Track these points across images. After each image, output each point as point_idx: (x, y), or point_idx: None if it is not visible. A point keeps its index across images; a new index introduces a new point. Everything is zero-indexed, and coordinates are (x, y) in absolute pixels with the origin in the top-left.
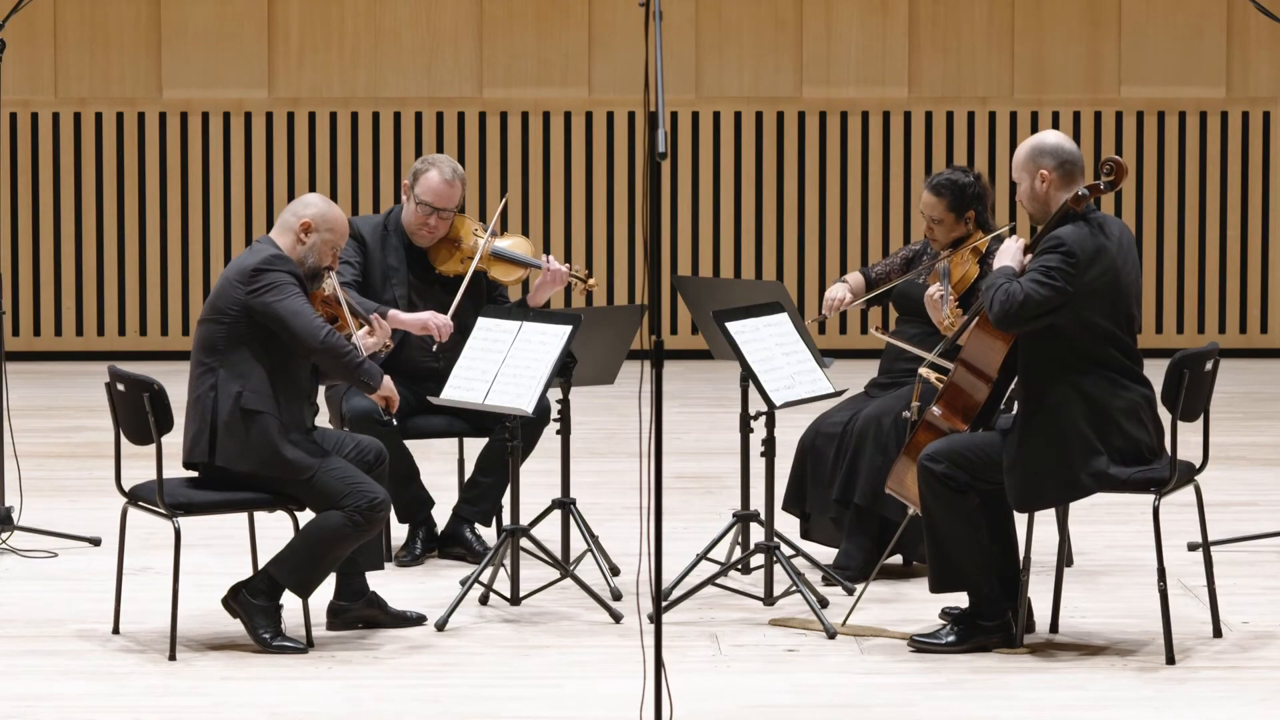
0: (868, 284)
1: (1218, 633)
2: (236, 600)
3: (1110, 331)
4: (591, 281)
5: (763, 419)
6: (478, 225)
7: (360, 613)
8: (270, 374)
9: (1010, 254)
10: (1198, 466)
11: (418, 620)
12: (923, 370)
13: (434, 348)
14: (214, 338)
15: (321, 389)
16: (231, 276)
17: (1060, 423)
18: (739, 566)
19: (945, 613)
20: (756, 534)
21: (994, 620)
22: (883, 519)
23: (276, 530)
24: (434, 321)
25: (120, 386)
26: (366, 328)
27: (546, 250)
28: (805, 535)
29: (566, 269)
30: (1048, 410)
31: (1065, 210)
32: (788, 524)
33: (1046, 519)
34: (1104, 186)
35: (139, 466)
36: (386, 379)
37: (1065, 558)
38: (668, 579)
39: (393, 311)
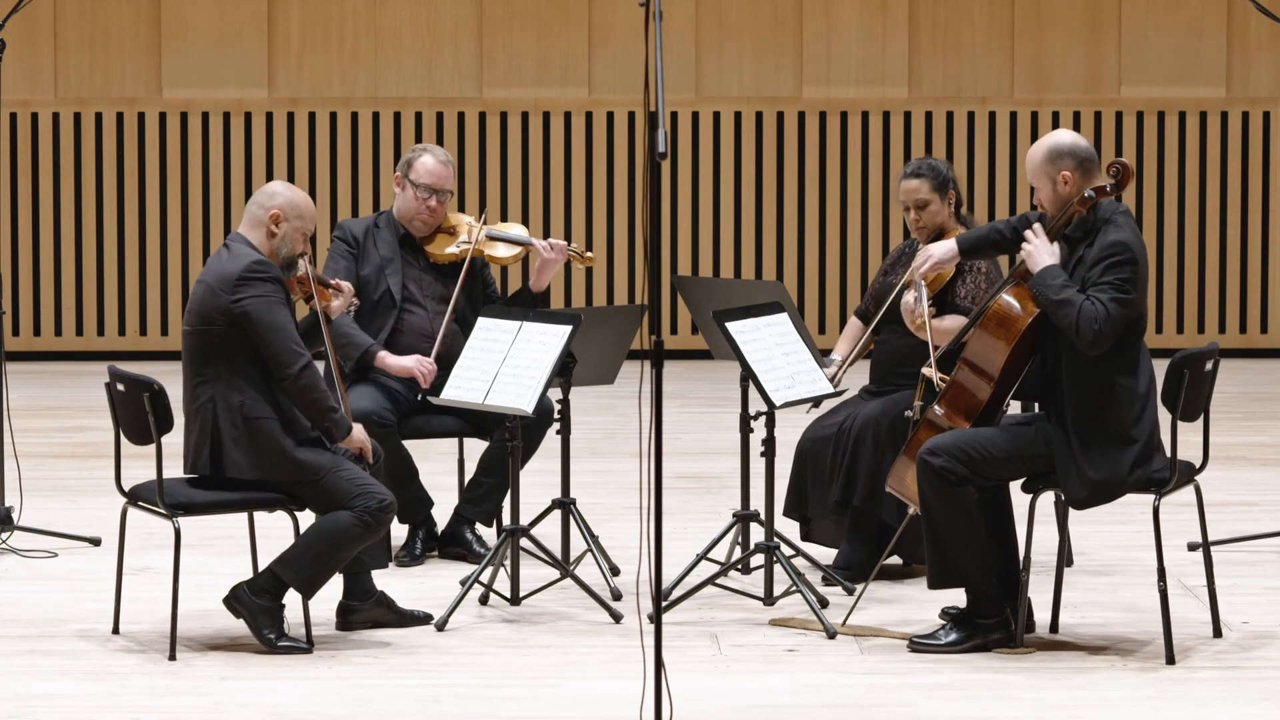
0: (865, 321)
1: (1218, 633)
2: (239, 600)
3: (1144, 326)
4: (590, 256)
5: (763, 419)
6: (470, 216)
7: (370, 613)
8: (268, 378)
9: (1047, 251)
10: (1198, 466)
11: (425, 619)
12: (925, 370)
13: (419, 397)
14: (205, 348)
15: None
16: (214, 284)
17: (1112, 424)
18: (739, 566)
19: (945, 613)
20: (756, 534)
21: (992, 618)
22: (882, 520)
23: (277, 530)
24: (420, 369)
25: (120, 386)
26: (334, 293)
27: None
28: (806, 537)
29: (565, 245)
30: (1098, 412)
31: (1073, 213)
32: (788, 524)
33: (1046, 519)
34: (1109, 189)
35: (139, 466)
36: (357, 429)
37: (1065, 558)
38: (668, 579)
39: (380, 354)
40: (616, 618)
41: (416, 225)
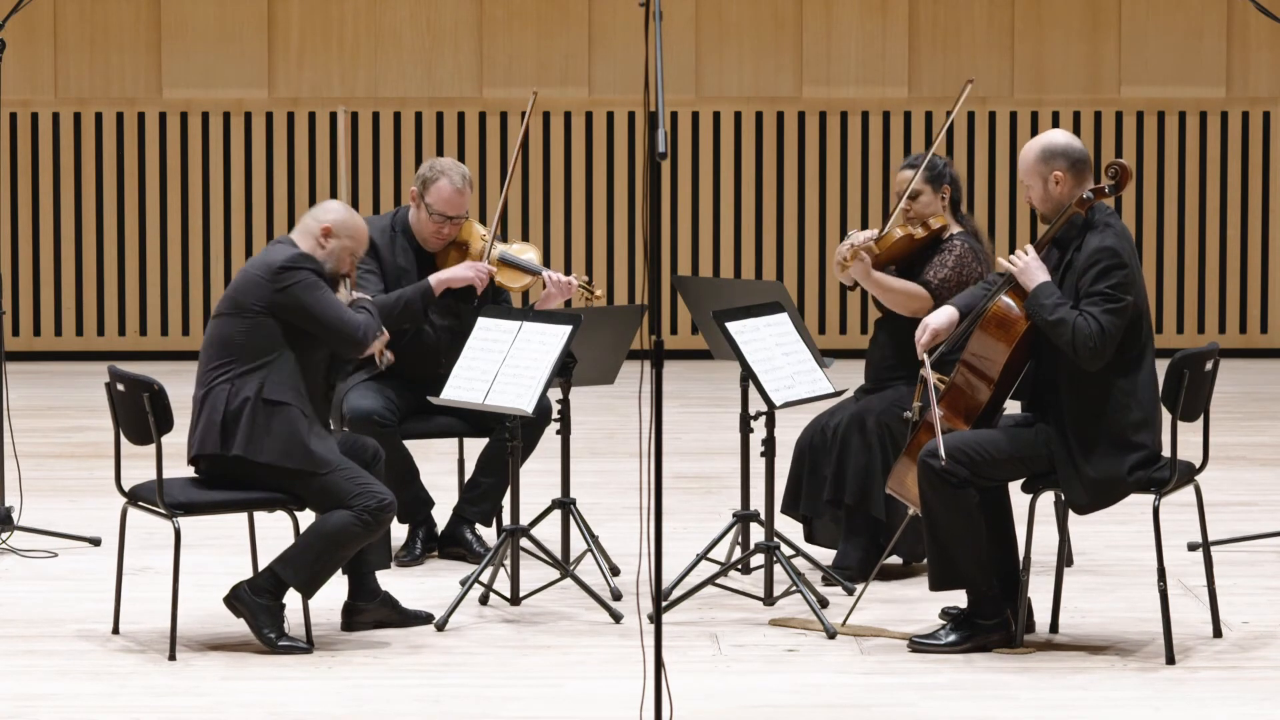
0: None
1: (1218, 633)
2: (239, 600)
3: (1146, 326)
4: (599, 294)
5: (763, 419)
6: (484, 230)
7: (375, 613)
8: (293, 369)
9: (1039, 268)
10: (1198, 466)
11: (426, 619)
12: (925, 372)
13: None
14: (232, 333)
15: None
16: (256, 273)
17: (1112, 427)
18: (739, 566)
19: (945, 613)
20: (756, 534)
21: (993, 619)
22: (873, 516)
23: (277, 530)
24: (478, 276)
25: (120, 386)
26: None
27: (547, 256)
28: (809, 539)
29: (573, 280)
30: (1097, 415)
31: (1071, 214)
32: (788, 524)
33: (1046, 519)
34: (1108, 190)
35: (139, 466)
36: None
37: (1065, 558)
38: (668, 579)
39: (431, 279)
40: (616, 618)
41: (430, 244)
